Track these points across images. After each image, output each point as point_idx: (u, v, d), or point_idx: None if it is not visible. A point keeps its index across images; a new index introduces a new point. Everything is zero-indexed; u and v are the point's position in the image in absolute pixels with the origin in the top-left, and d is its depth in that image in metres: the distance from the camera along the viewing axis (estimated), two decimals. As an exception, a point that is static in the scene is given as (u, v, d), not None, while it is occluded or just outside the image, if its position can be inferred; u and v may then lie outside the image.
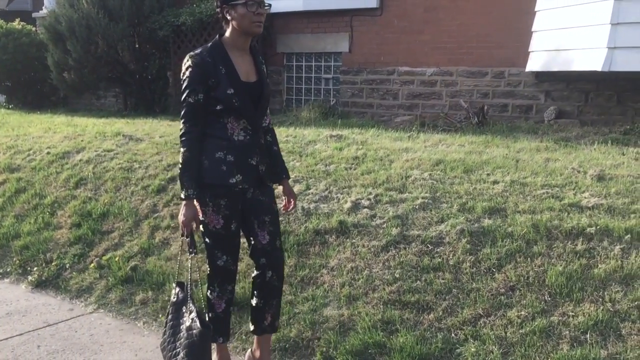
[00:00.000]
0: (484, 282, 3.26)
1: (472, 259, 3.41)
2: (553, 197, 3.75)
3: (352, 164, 4.78)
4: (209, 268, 2.88)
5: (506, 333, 2.95)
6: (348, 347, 3.08)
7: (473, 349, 2.90)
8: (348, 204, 4.12)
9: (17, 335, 3.61)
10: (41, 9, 12.47)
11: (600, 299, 2.96)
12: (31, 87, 11.31)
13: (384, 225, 3.84)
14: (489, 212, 3.71)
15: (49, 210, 5.18)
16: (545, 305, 3.03)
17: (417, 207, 3.92)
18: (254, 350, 3.05)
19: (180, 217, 2.67)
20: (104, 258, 4.41)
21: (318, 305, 3.43)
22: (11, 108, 11.33)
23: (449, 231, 3.62)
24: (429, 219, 3.79)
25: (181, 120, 2.67)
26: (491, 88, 7.24)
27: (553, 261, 3.23)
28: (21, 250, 4.77)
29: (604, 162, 4.36)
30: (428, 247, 3.58)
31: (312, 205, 4.23)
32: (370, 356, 3.04)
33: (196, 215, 2.69)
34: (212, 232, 2.76)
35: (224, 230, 2.75)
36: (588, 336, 2.80)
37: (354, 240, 3.81)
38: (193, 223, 2.68)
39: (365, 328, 3.17)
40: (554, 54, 6.39)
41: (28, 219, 5.14)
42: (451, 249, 3.51)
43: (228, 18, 2.65)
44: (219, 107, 2.64)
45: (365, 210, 4.03)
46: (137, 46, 9.61)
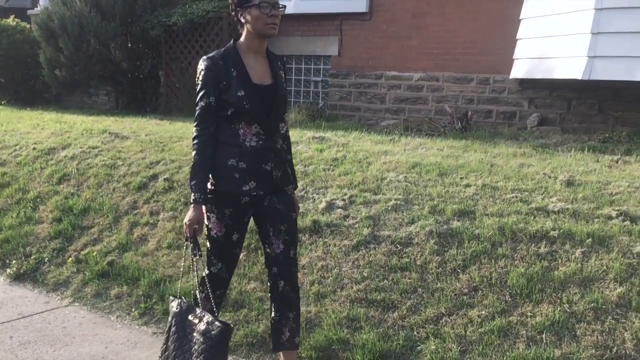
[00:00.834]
0: (449, 282, 3.33)
1: (439, 260, 3.47)
2: (521, 201, 3.82)
3: (331, 166, 4.85)
4: (204, 270, 2.84)
5: (466, 332, 3.01)
6: (312, 343, 3.14)
7: (433, 347, 2.97)
8: (323, 204, 4.18)
9: (-9, 326, 3.67)
10: (37, 6, 12.54)
11: (558, 300, 3.03)
12: (24, 84, 11.37)
13: (356, 225, 3.91)
14: (459, 214, 3.78)
15: (32, 205, 5.24)
16: (505, 305, 3.10)
17: (390, 208, 3.98)
18: None
19: (185, 220, 2.65)
20: (82, 253, 4.47)
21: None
22: (3, 104, 11.39)
23: (418, 232, 3.69)
24: (400, 220, 3.86)
25: (194, 123, 2.66)
26: (476, 94, 7.33)
27: (516, 263, 3.30)
28: (1, 243, 4.83)
29: (576, 169, 4.44)
30: (397, 247, 3.64)
31: (288, 204, 4.29)
32: (333, 352, 3.10)
33: (201, 219, 2.65)
34: (213, 238, 2.74)
35: (224, 239, 2.72)
36: (544, 336, 2.87)
37: (327, 239, 3.87)
38: (196, 226, 2.63)
39: (330, 325, 3.23)
40: (537, 62, 6.48)
41: (10, 213, 5.19)
42: (419, 250, 3.58)
43: (242, 21, 2.64)
44: (230, 111, 2.62)
45: (339, 210, 4.09)
46: (130, 45, 9.69)
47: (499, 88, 7.16)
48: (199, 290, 2.81)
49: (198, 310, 2.61)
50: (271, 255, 2.80)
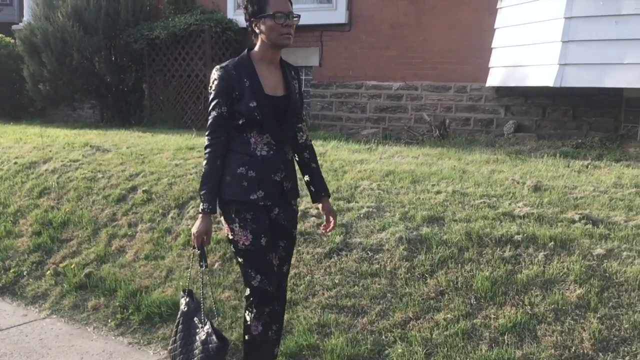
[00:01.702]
0: (417, 287, 3.41)
1: (408, 265, 3.55)
2: (489, 207, 3.91)
3: (307, 175, 4.92)
4: (246, 289, 2.74)
5: (432, 335, 3.09)
6: (283, 349, 3.20)
7: (400, 350, 3.04)
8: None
9: (-32, 339, 3.70)
10: (21, 22, 12.58)
11: (520, 303, 3.11)
12: (9, 99, 11.38)
13: (329, 233, 3.97)
14: (428, 221, 3.87)
15: (12, 219, 5.27)
16: (470, 308, 3.18)
17: (362, 216, 4.06)
18: None
19: (193, 229, 2.67)
20: (61, 265, 4.51)
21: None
22: (-12, 119, 11.38)
23: (389, 239, 3.77)
24: (372, 227, 3.94)
25: (206, 132, 2.67)
26: (454, 102, 7.45)
27: (481, 267, 3.38)
28: (-19, 257, 4.86)
29: (545, 174, 4.54)
30: (368, 254, 3.72)
31: (264, 214, 4.36)
32: (304, 357, 3.17)
33: (209, 229, 2.67)
34: (243, 251, 2.66)
35: (254, 246, 2.64)
36: (506, 337, 2.95)
37: (300, 247, 3.94)
38: (204, 237, 2.66)
39: (301, 331, 3.30)
40: (512, 70, 6.61)
41: (-10, 228, 5.23)
42: (389, 256, 3.66)
43: (257, 31, 2.64)
44: (242, 121, 2.61)
45: (312, 218, 4.17)
46: (114, 59, 9.75)
47: (476, 96, 7.29)
48: (248, 311, 2.74)
49: (202, 315, 2.66)
50: None
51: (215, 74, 2.63)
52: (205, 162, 2.64)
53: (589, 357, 2.77)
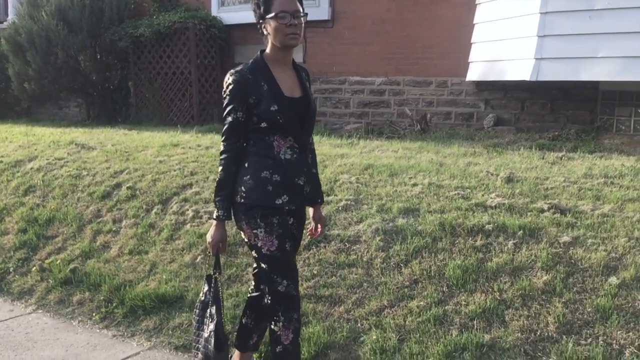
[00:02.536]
0: (392, 276, 3.52)
1: (384, 255, 3.67)
2: (463, 198, 4.03)
3: (289, 170, 5.03)
4: (270, 298, 2.66)
5: (405, 322, 3.21)
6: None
7: (374, 337, 3.16)
8: (278, 207, 4.35)
9: (-45, 334, 3.78)
10: (5, 20, 12.56)
11: (490, 289, 3.24)
12: (-5, 98, 11.38)
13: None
14: (404, 212, 3.98)
15: (-2, 217, 5.34)
16: (442, 296, 3.30)
17: (340, 209, 4.17)
18: None
19: (208, 237, 2.67)
20: (47, 262, 4.58)
21: (241, 301, 3.65)
22: (-26, 118, 11.37)
23: (366, 230, 3.88)
24: (350, 219, 4.05)
25: (221, 138, 2.62)
26: (435, 97, 7.56)
27: (454, 256, 3.50)
28: (-33, 255, 4.92)
29: (519, 166, 4.67)
30: (346, 245, 3.83)
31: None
32: (282, 346, 3.27)
33: (224, 237, 2.66)
34: (268, 256, 2.60)
35: (280, 251, 2.59)
36: (475, 322, 3.08)
37: (280, 240, 4.04)
38: (220, 244, 2.67)
39: (280, 320, 3.40)
40: (491, 64, 6.73)
41: (-24, 226, 5.29)
42: (366, 247, 3.77)
43: (265, 33, 2.57)
44: (264, 125, 2.55)
45: (292, 212, 4.27)
46: (99, 57, 9.77)
47: (457, 90, 7.41)
48: (274, 321, 2.69)
49: (213, 310, 2.66)
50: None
51: (230, 79, 2.55)
52: (220, 169, 2.60)
53: (554, 340, 2.90)
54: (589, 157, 5.00)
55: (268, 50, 2.62)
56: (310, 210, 2.93)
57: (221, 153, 2.61)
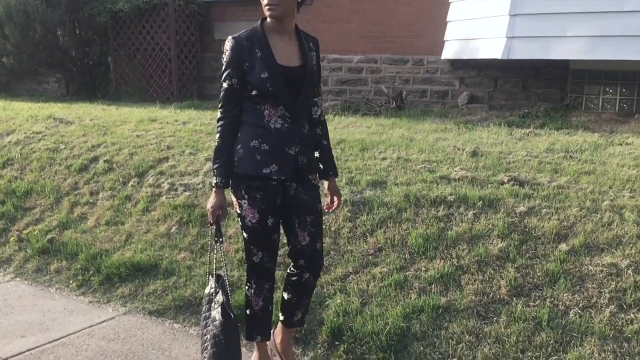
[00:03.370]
0: (358, 245, 3.68)
1: (350, 225, 3.82)
2: (429, 171, 4.19)
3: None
4: (246, 263, 2.78)
5: (368, 287, 3.37)
6: (233, 303, 3.44)
7: (338, 301, 3.32)
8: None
9: None
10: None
11: (448, 256, 3.41)
12: (-27, 73, 11.28)
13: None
14: (372, 185, 4.13)
15: (-24, 189, 5.40)
16: (404, 262, 3.47)
17: (311, 181, 4.30)
18: (276, 334, 2.99)
19: (207, 205, 2.65)
20: (25, 232, 4.68)
21: (213, 268, 3.79)
22: (-48, 93, 11.29)
23: (335, 201, 4.02)
24: (320, 192, 4.18)
25: (218, 104, 2.60)
26: (412, 75, 7.69)
27: (417, 225, 3.67)
28: (-54, 227, 5.00)
29: (485, 141, 4.83)
30: (315, 216, 3.97)
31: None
32: (251, 310, 3.42)
33: (223, 204, 2.61)
34: (248, 227, 2.64)
35: (260, 225, 2.61)
36: (433, 287, 3.25)
37: (252, 211, 4.17)
38: (219, 211, 2.62)
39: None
40: (465, 43, 6.87)
41: (-45, 198, 5.35)
42: (334, 217, 3.92)
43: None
44: (254, 93, 2.54)
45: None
46: (78, 32, 9.75)
47: (433, 69, 7.54)
48: (247, 286, 2.78)
49: (220, 294, 2.65)
50: (296, 247, 2.71)
51: (227, 45, 2.56)
52: (217, 136, 2.60)
53: (505, 302, 3.08)
54: (555, 134, 5.18)
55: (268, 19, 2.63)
56: (325, 183, 2.89)
57: (218, 120, 2.62)
